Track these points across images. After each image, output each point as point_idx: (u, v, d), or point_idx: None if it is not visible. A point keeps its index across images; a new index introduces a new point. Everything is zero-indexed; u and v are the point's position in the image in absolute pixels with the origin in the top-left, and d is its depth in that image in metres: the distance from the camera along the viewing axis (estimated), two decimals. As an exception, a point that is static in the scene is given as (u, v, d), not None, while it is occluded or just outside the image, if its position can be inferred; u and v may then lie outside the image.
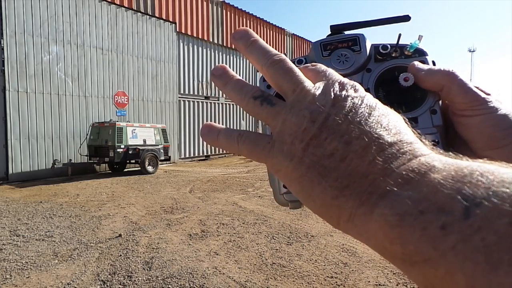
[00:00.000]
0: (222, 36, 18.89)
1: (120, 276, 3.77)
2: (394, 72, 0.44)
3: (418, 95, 0.42)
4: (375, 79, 0.44)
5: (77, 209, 6.86)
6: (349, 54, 0.44)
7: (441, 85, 0.40)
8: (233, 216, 6.17)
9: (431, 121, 0.41)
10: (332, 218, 0.28)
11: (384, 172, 0.25)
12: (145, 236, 5.11)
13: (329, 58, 0.45)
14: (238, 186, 9.33)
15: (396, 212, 0.23)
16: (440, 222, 0.21)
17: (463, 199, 0.21)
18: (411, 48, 0.44)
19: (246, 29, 0.37)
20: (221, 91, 0.37)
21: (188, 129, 17.31)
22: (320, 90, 0.31)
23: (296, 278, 3.68)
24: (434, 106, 0.42)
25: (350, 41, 0.45)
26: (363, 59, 0.44)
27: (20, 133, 11.20)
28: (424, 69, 0.41)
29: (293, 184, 0.30)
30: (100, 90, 13.50)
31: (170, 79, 16.30)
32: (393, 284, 3.49)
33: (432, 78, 0.40)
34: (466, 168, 0.23)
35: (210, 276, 3.74)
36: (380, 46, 0.45)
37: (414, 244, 0.22)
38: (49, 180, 11.09)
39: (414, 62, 0.43)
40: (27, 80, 11.32)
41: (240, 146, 0.33)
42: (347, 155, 0.27)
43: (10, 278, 3.74)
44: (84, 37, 12.92)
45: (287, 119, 0.30)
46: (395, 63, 0.44)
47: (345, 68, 0.44)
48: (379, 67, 0.44)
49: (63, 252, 4.48)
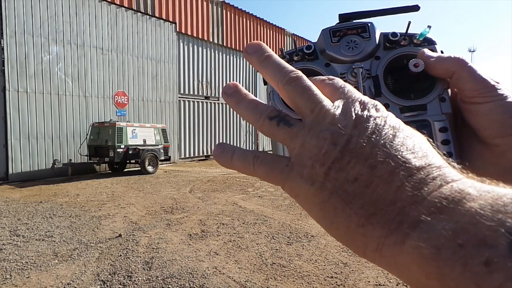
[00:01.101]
0: (222, 36, 18.88)
1: (120, 276, 3.77)
2: (403, 60, 0.43)
3: (427, 83, 0.42)
4: (384, 67, 0.44)
5: (77, 209, 6.86)
6: (358, 40, 0.44)
7: (451, 72, 0.40)
8: (233, 216, 6.17)
9: (440, 108, 0.41)
10: (358, 247, 0.26)
11: (414, 199, 0.24)
12: (145, 236, 5.11)
13: (338, 44, 0.45)
14: (238, 186, 9.34)
15: (432, 244, 0.21)
16: (483, 258, 0.19)
17: (507, 232, 0.19)
18: (420, 36, 0.44)
19: (259, 43, 0.36)
20: (234, 110, 0.36)
21: (188, 129, 17.31)
22: (340, 109, 0.29)
23: (296, 278, 3.68)
24: (443, 93, 0.42)
25: (360, 28, 0.45)
26: (372, 46, 0.44)
27: (20, 133, 11.20)
28: (433, 56, 0.41)
29: (314, 209, 0.28)
30: (100, 90, 13.51)
31: (170, 79, 16.30)
32: (393, 284, 3.49)
33: (441, 64, 0.40)
34: (505, 196, 0.21)
35: (210, 276, 3.74)
36: (389, 34, 0.45)
37: (454, 281, 0.20)
38: (49, 180, 11.09)
39: (423, 49, 0.42)
40: (27, 80, 11.32)
41: (256, 168, 0.32)
42: (372, 180, 0.25)
43: (10, 278, 3.74)
44: (84, 37, 12.93)
45: (306, 141, 0.29)
46: (404, 51, 0.44)
47: (354, 54, 0.44)
48: (388, 55, 0.44)
49: (63, 252, 4.48)
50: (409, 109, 0.42)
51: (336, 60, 0.45)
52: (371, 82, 0.43)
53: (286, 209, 6.68)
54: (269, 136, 0.33)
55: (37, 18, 11.51)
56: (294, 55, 0.46)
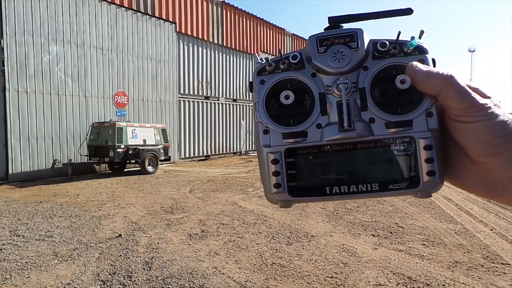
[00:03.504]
0: (222, 36, 18.88)
1: (120, 276, 3.77)
2: (392, 71, 0.42)
3: (415, 96, 0.41)
4: (371, 78, 0.42)
5: (77, 209, 6.86)
6: (345, 51, 0.43)
7: (437, 91, 0.39)
8: (233, 216, 6.17)
9: (426, 124, 0.41)
10: None
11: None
12: (145, 236, 5.11)
13: (324, 55, 0.43)
14: (238, 186, 9.34)
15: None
16: None
17: None
18: (410, 46, 0.42)
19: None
20: None
21: (188, 129, 17.30)
22: None
23: (296, 278, 3.68)
24: (431, 108, 0.41)
25: (348, 37, 0.43)
26: (360, 57, 0.43)
27: (20, 133, 11.20)
28: (422, 71, 0.40)
29: None
30: (100, 90, 13.50)
31: (170, 79, 16.29)
32: (393, 284, 3.49)
33: (429, 82, 0.40)
34: None
35: (210, 276, 3.74)
36: (378, 43, 0.43)
37: None
38: (49, 180, 11.09)
39: (412, 62, 0.41)
40: (27, 80, 11.31)
41: None
42: None
43: (10, 278, 3.74)
44: (84, 37, 12.92)
45: None
46: (393, 61, 0.43)
47: (341, 66, 0.43)
48: (376, 65, 0.43)
49: (63, 252, 4.48)
50: (394, 125, 0.41)
51: (322, 71, 0.44)
52: (358, 95, 0.42)
53: (286, 209, 6.66)
54: None
55: (37, 18, 11.51)
56: (281, 64, 0.45)
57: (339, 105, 0.42)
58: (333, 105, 0.43)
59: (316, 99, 0.43)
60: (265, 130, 0.44)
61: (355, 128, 0.42)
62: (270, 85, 0.45)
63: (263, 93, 0.45)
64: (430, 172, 0.41)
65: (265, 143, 0.44)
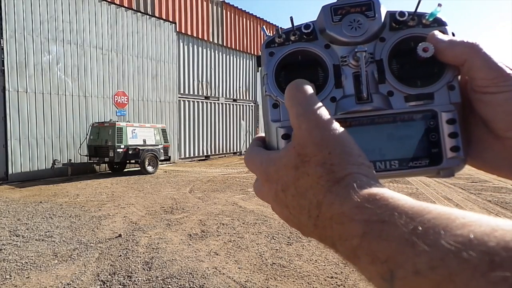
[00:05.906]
0: (222, 36, 18.88)
1: (120, 276, 3.77)
2: (411, 43, 0.40)
3: (435, 68, 0.39)
4: (389, 50, 0.40)
5: (77, 209, 6.85)
6: (362, 20, 0.40)
7: (463, 59, 0.36)
8: (233, 216, 6.16)
9: (448, 97, 0.38)
10: None
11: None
12: (145, 236, 5.10)
13: (339, 24, 0.41)
14: (238, 186, 9.33)
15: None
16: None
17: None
18: (430, 16, 0.40)
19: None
20: None
21: (188, 129, 17.30)
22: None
23: (296, 278, 3.67)
24: (453, 81, 0.38)
25: (364, 6, 0.41)
26: (377, 27, 0.40)
27: (20, 133, 11.20)
28: (445, 40, 0.37)
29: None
30: (100, 90, 13.50)
31: (170, 79, 16.29)
32: (393, 284, 3.49)
33: (453, 50, 0.37)
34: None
35: (210, 276, 3.74)
36: (396, 13, 0.41)
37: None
38: (49, 180, 11.09)
39: (434, 31, 0.39)
40: (27, 80, 11.31)
41: None
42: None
43: (10, 278, 3.73)
44: (84, 36, 12.92)
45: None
46: (412, 32, 0.40)
47: (357, 35, 0.40)
48: (394, 36, 0.40)
49: (63, 252, 4.47)
50: (415, 98, 0.39)
51: (337, 41, 0.41)
52: (375, 67, 0.40)
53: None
54: None
55: (37, 18, 11.51)
56: (291, 35, 0.42)
57: (355, 76, 0.40)
58: (349, 77, 0.40)
59: (330, 71, 0.41)
60: (275, 104, 0.41)
61: (373, 100, 0.39)
62: (280, 56, 0.42)
63: (273, 65, 0.42)
64: (454, 147, 0.38)
65: (275, 117, 0.41)
